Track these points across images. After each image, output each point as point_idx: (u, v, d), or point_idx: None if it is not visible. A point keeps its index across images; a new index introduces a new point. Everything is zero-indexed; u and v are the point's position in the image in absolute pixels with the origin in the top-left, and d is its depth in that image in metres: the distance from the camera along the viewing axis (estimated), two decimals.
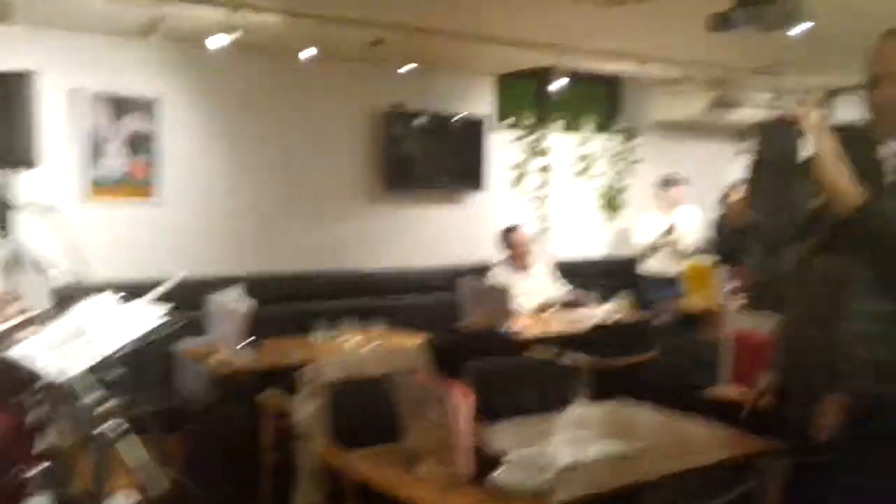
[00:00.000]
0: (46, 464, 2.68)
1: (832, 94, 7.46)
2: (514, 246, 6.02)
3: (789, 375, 2.68)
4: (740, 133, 7.90)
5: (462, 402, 2.46)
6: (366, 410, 3.02)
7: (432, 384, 2.59)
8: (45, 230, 3.28)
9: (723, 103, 6.85)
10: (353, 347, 4.57)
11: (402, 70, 5.32)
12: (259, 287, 4.72)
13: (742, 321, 3.58)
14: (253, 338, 4.26)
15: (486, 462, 2.46)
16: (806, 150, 1.68)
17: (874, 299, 1.77)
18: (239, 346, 4.23)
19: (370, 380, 3.20)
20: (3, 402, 2.65)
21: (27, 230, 4.21)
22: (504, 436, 2.90)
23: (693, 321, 5.90)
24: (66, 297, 2.97)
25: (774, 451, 2.80)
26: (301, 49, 5.15)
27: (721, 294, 5.62)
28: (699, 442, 2.97)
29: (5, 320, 2.71)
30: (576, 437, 2.82)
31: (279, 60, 5.57)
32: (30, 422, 2.70)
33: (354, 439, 2.87)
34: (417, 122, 6.27)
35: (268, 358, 4.30)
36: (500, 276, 5.91)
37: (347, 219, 6.21)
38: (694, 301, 5.88)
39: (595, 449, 2.72)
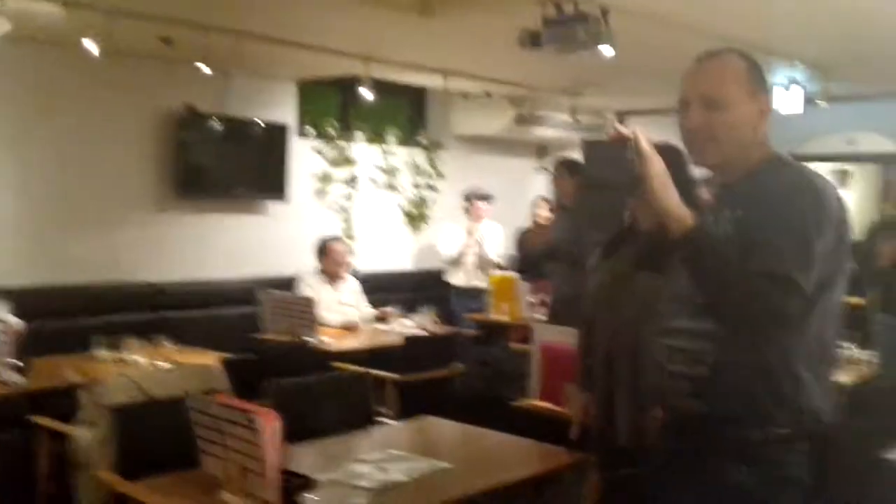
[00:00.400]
0: None
1: (622, 115, 7.96)
2: (331, 256, 5.82)
3: (602, 390, 2.72)
4: (541, 150, 8.29)
5: (267, 423, 2.28)
6: (157, 435, 2.83)
7: (234, 405, 2.40)
8: None
9: (525, 120, 7.08)
10: (141, 366, 4.24)
11: (199, 68, 4.98)
12: (33, 300, 4.42)
13: (549, 334, 3.63)
14: (23, 357, 3.91)
15: (294, 486, 2.31)
16: (635, 169, 1.68)
17: (693, 317, 1.80)
18: (6, 366, 3.86)
19: (161, 401, 3.00)
20: None
21: None
22: (309, 457, 2.82)
23: (499, 334, 6.03)
24: None
25: (586, 464, 2.83)
26: (82, 42, 4.69)
27: (526, 307, 5.77)
28: (508, 457, 2.97)
29: None
30: (384, 457, 2.77)
31: (61, 53, 5.08)
32: None
33: (144, 467, 2.64)
34: (214, 125, 5.94)
35: (42, 378, 3.98)
36: (310, 286, 5.72)
37: (134, 227, 5.80)
38: (499, 314, 5.98)
39: (403, 468, 2.67)
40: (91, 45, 4.55)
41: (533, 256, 6.39)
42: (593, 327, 2.80)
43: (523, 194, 7.46)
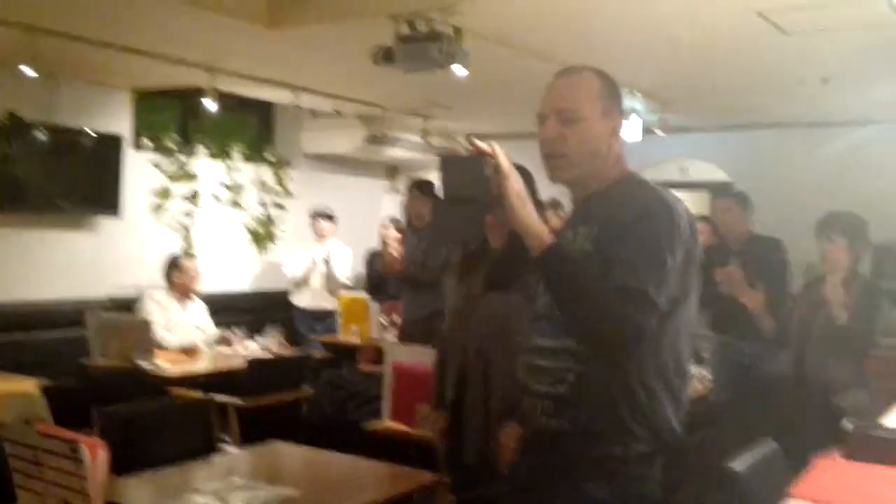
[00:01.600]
0: None
1: (472, 139, 8.08)
2: (183, 272, 5.55)
3: (459, 408, 2.69)
4: (392, 170, 8.28)
5: (92, 452, 2.08)
6: None
7: (56, 435, 2.17)
8: None
9: (377, 140, 7.04)
10: None
11: (24, 73, 4.60)
12: None
13: (401, 354, 3.58)
14: None
15: None
16: (494, 186, 1.66)
17: (554, 335, 1.81)
18: None
19: None
20: None
21: None
22: (142, 490, 2.68)
23: (349, 355, 5.92)
24: None
25: (439, 485, 2.78)
26: None
27: (377, 328, 5.70)
28: (358, 480, 2.89)
29: None
30: (224, 487, 2.62)
31: None
32: None
33: None
34: (39, 135, 5.51)
35: None
36: (158, 303, 5.37)
37: None
38: (349, 335, 5.89)
39: (245, 498, 2.53)
40: None
41: (382, 277, 6.35)
42: (447, 347, 2.77)
43: (374, 215, 7.40)
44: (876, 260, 6.80)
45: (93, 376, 4.52)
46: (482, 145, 1.70)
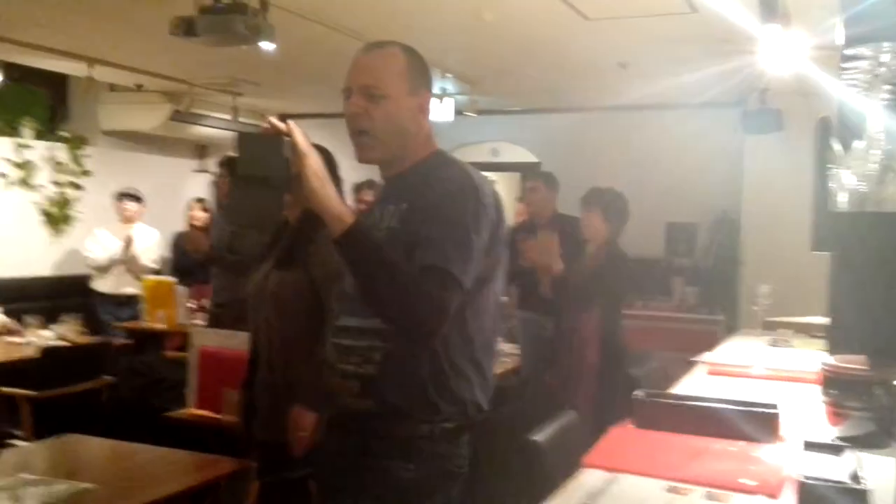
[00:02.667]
0: None
1: (284, 118, 7.96)
2: None
3: (258, 390, 2.67)
4: (201, 149, 7.98)
5: None
6: None
7: None
8: None
9: (183, 117, 6.77)
10: None
11: None
12: None
13: (209, 338, 3.49)
14: None
15: None
16: (290, 165, 1.63)
17: (361, 315, 1.79)
18: None
19: None
20: None
21: None
22: None
23: (154, 341, 5.68)
24: None
25: (246, 471, 2.74)
26: None
27: (183, 312, 5.51)
28: (161, 471, 2.80)
29: None
30: (14, 483, 2.48)
31: None
32: None
33: None
34: None
35: None
36: None
37: None
38: (155, 321, 5.65)
39: (38, 494, 2.41)
40: None
41: (190, 260, 6.15)
42: (250, 330, 2.76)
43: (181, 195, 7.13)
44: (669, 238, 7.40)
45: None
46: (279, 124, 1.66)
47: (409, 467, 1.77)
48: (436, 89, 5.89)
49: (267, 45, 3.72)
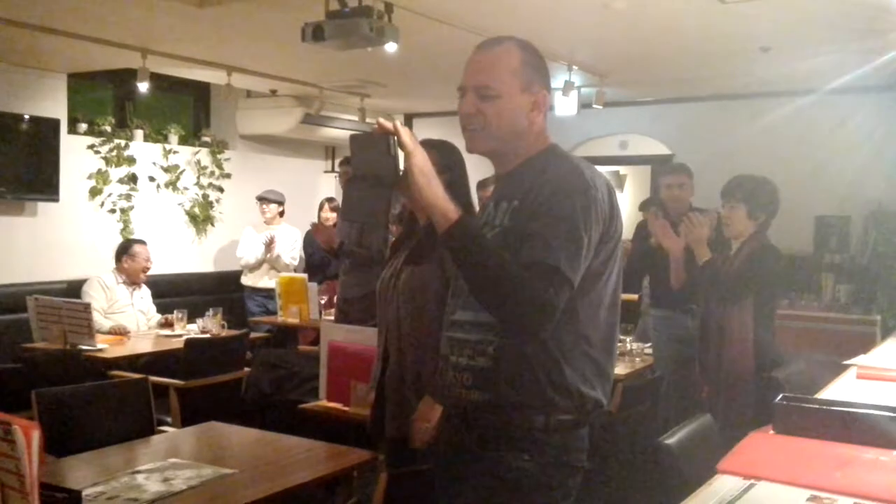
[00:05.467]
0: None
1: (410, 117, 8.11)
2: (135, 258, 5.48)
3: (388, 385, 2.74)
4: (329, 150, 8.26)
5: (27, 435, 2.10)
6: None
7: None
8: None
9: (313, 120, 7.01)
10: None
11: None
12: None
13: (338, 333, 3.61)
14: None
15: (63, 502, 2.14)
16: (397, 163, 1.68)
17: (475, 309, 1.81)
18: None
19: None
20: None
21: None
22: (81, 470, 2.66)
23: (289, 335, 5.94)
24: None
25: (375, 462, 2.83)
26: None
27: (315, 308, 5.72)
28: (296, 459, 2.92)
29: None
30: (164, 466, 2.66)
31: None
32: None
33: None
34: None
35: None
36: (104, 288, 5.33)
37: None
38: (289, 316, 5.89)
39: (185, 477, 2.56)
40: None
41: (321, 257, 6.38)
42: (380, 325, 2.84)
43: (313, 195, 7.40)
44: (818, 233, 6.85)
45: (33, 360, 4.49)
46: (386, 123, 1.69)
47: (525, 457, 1.78)
48: (560, 83, 5.82)
49: (391, 47, 3.81)
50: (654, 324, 4.70)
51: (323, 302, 5.77)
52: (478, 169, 2.92)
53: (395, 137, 1.68)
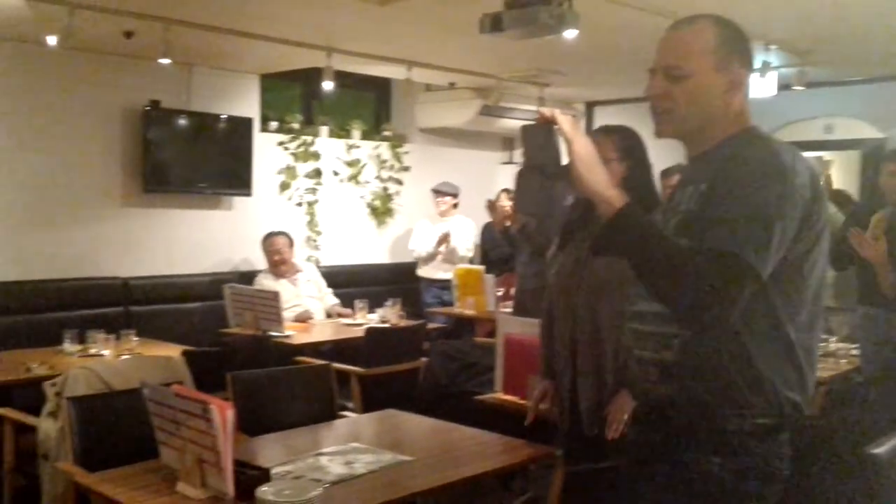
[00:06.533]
0: None
1: (591, 105, 7.96)
2: (269, 253, 5.86)
3: (565, 379, 2.69)
4: (508, 142, 8.27)
5: (222, 414, 2.24)
6: (117, 426, 2.82)
7: (189, 396, 2.36)
8: None
9: (491, 111, 7.03)
10: (105, 359, 4.21)
11: (162, 63, 4.93)
12: (4, 296, 4.47)
13: (514, 326, 3.59)
14: None
15: (251, 479, 2.28)
16: (560, 151, 1.65)
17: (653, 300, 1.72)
18: None
19: (122, 393, 2.98)
20: None
21: None
22: (270, 450, 2.79)
23: (466, 327, 6.00)
24: None
25: (552, 458, 2.79)
26: (48, 37, 4.66)
27: (492, 299, 5.74)
28: (472, 450, 2.93)
29: None
30: (346, 450, 2.73)
31: (25, 49, 5.11)
32: None
33: (106, 458, 2.62)
34: (179, 121, 5.89)
35: (8, 371, 3.99)
36: (263, 285, 5.69)
37: (100, 223, 5.75)
38: (465, 307, 5.95)
39: (366, 461, 2.62)
40: (54, 41, 4.52)
41: (498, 249, 6.39)
42: (554, 316, 2.78)
43: (491, 187, 7.43)
44: None
45: (228, 344, 4.80)
46: (546, 112, 1.67)
47: (716, 461, 1.67)
48: (757, 63, 5.47)
49: (571, 33, 3.72)
50: (861, 323, 4.35)
51: (500, 294, 5.77)
52: (669, 156, 2.80)
53: (556, 126, 1.66)
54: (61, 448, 3.09)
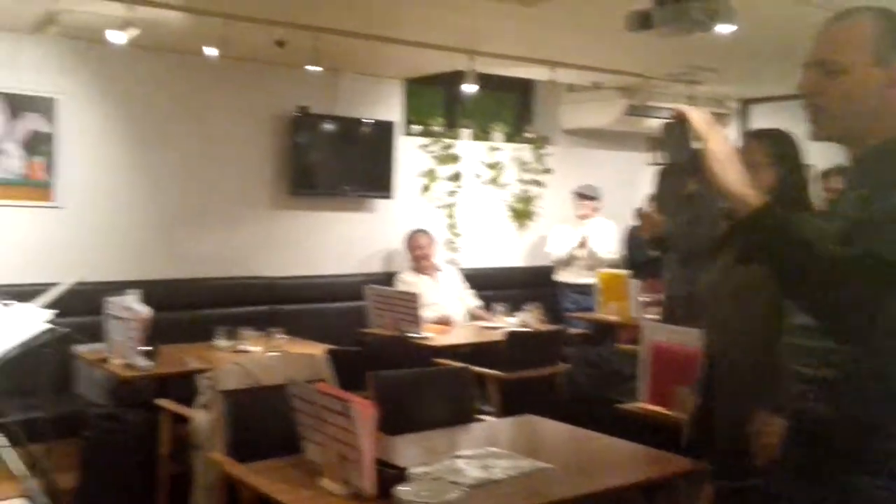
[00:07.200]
0: None
1: (746, 103, 7.61)
2: (411, 249, 5.99)
3: (718, 393, 2.55)
4: (652, 142, 8.02)
5: (364, 413, 2.26)
6: (265, 420, 2.90)
7: (333, 394, 2.40)
8: None
9: (637, 111, 6.84)
10: (254, 355, 4.38)
11: (310, 70, 5.11)
12: (159, 293, 4.61)
13: (661, 334, 3.46)
14: (152, 345, 4.12)
15: (390, 478, 2.30)
16: (692, 149, 1.57)
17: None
18: (137, 352, 4.08)
19: (270, 389, 3.06)
20: None
21: None
22: (408, 450, 2.82)
23: (607, 333, 5.85)
24: None
25: (699, 472, 2.66)
26: (203, 48, 4.93)
27: (636, 305, 5.57)
28: (615, 461, 2.85)
29: None
30: (484, 454, 2.71)
31: (181, 59, 5.41)
32: None
33: (253, 450, 2.72)
34: (325, 126, 6.08)
35: (167, 365, 4.19)
36: (404, 283, 5.76)
37: (251, 224, 5.99)
38: (608, 313, 5.81)
39: (504, 466, 2.59)
40: (211, 51, 4.75)
41: (643, 254, 6.18)
42: (705, 326, 2.66)
43: (636, 190, 7.23)
44: None
45: (368, 343, 4.89)
46: (678, 108, 1.60)
47: (878, 483, 1.55)
48: None
49: (726, 29, 3.55)
50: None
51: (646, 300, 5.60)
52: (833, 155, 2.61)
53: (688, 123, 1.58)
54: (212, 438, 3.21)
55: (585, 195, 6.71)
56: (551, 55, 5.69)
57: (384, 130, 6.36)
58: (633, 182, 7.45)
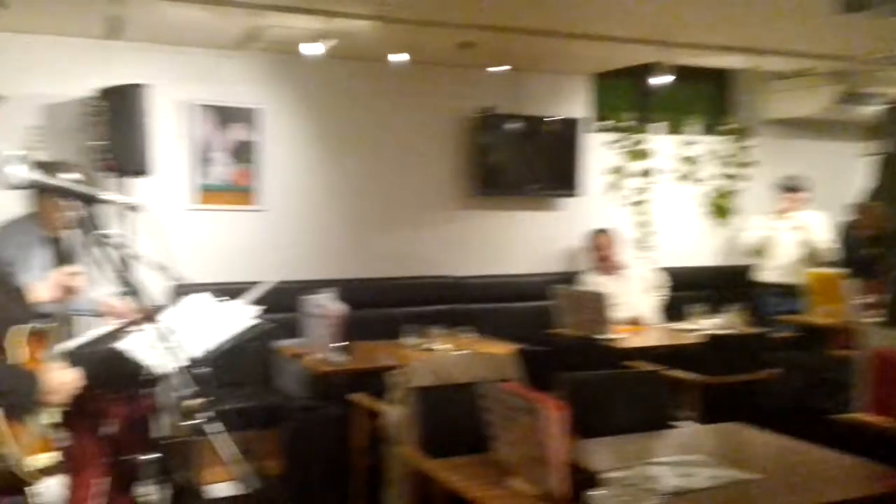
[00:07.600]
0: (157, 453, 2.81)
1: None
2: (596, 248, 5.92)
3: None
4: (869, 131, 7.36)
5: (555, 414, 2.19)
6: (455, 418, 2.91)
7: (523, 394, 2.35)
8: (154, 233, 3.32)
9: (851, 98, 6.28)
10: (443, 353, 4.43)
11: (494, 70, 5.12)
12: (353, 291, 4.74)
13: (883, 339, 3.14)
14: (346, 341, 4.26)
15: (582, 481, 2.21)
16: None
17: None
18: (332, 348, 4.24)
19: (460, 387, 3.07)
20: (116, 393, 2.80)
21: (140, 233, 4.24)
22: (601, 454, 2.73)
23: (818, 337, 5.43)
24: (170, 297, 3.13)
25: None
26: (392, 54, 5.09)
27: (851, 308, 5.12)
28: (831, 475, 2.64)
29: (122, 317, 2.99)
30: (683, 461, 2.59)
31: (371, 67, 5.59)
32: (141, 412, 2.84)
33: (443, 446, 2.75)
34: (510, 125, 6.07)
35: (360, 360, 4.33)
36: (589, 281, 5.62)
37: (439, 225, 6.12)
38: (819, 315, 5.40)
39: (705, 476, 2.45)
40: (399, 58, 4.87)
41: (860, 253, 5.67)
42: None
43: (846, 183, 6.66)
44: None
45: (556, 344, 4.81)
46: None
47: None
48: None
49: None
50: None
51: (865, 302, 5.11)
52: None
53: None
54: (404, 434, 3.27)
55: (791, 187, 6.26)
56: (752, 42, 5.39)
57: (569, 127, 6.28)
58: (843, 175, 6.89)
